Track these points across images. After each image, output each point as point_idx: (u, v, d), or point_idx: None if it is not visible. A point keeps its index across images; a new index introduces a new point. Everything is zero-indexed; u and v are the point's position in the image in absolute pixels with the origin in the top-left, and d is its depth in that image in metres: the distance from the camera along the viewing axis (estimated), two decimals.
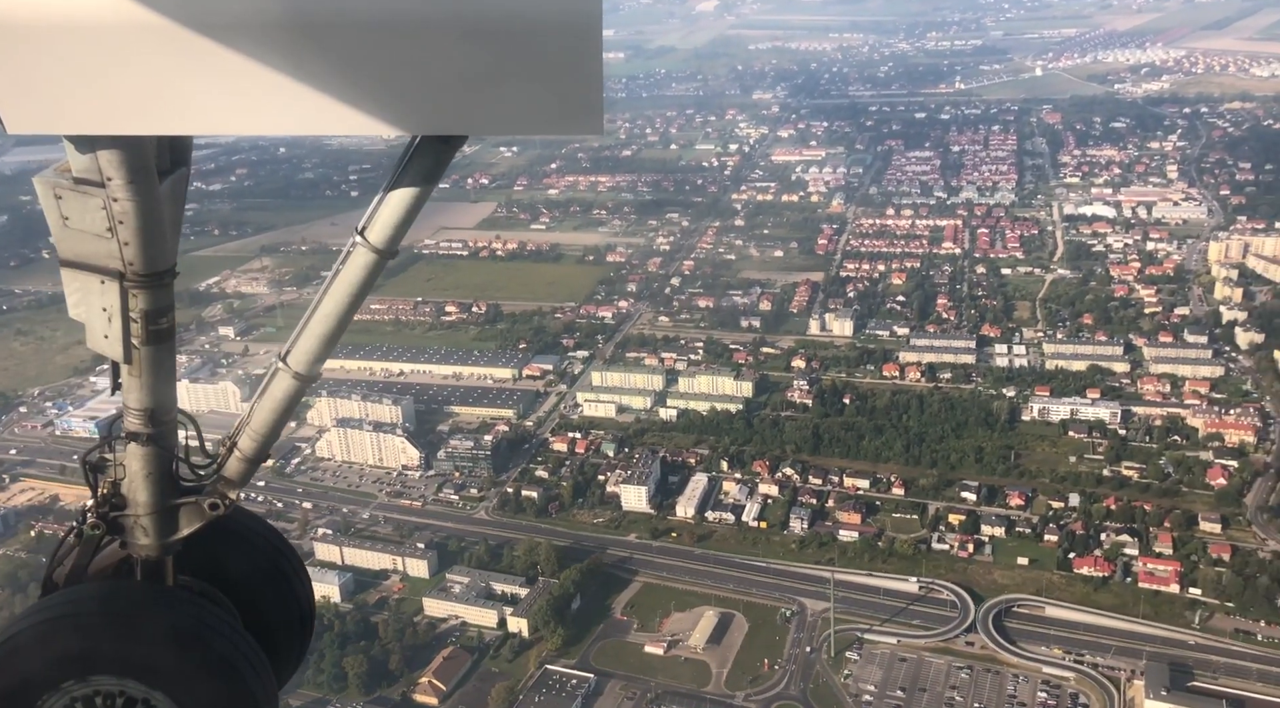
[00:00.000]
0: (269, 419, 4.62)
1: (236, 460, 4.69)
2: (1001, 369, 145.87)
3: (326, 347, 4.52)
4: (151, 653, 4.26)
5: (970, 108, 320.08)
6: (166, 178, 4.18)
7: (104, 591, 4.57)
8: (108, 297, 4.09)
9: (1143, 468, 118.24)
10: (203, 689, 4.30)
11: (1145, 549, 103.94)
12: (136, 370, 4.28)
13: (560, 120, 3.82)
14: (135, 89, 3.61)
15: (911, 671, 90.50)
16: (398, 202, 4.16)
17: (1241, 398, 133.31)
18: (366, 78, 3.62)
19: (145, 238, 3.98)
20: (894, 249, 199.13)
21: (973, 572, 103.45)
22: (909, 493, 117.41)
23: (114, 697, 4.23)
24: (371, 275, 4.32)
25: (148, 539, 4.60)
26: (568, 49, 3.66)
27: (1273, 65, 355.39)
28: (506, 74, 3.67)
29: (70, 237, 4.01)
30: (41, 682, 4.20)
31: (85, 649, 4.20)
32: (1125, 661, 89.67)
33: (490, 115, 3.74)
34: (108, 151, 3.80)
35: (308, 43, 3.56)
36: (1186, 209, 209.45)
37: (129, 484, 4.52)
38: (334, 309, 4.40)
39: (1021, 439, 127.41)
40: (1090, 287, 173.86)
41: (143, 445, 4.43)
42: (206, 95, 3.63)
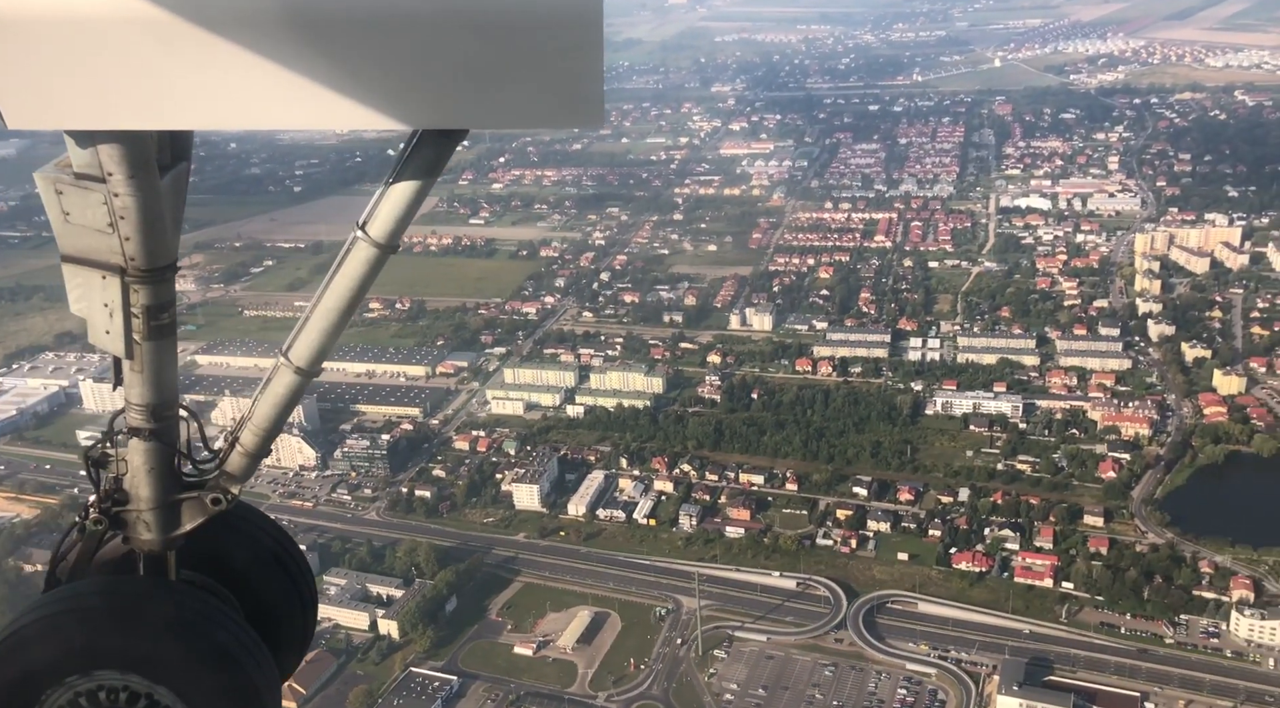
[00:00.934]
0: (271, 414, 4.59)
1: (239, 455, 4.66)
2: (913, 363, 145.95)
3: (328, 342, 4.47)
4: (155, 647, 4.26)
5: (924, 100, 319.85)
6: (168, 173, 4.15)
7: (107, 585, 4.55)
8: (109, 292, 4.06)
9: (1037, 462, 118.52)
10: (206, 683, 4.28)
11: (1026, 544, 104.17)
12: (138, 366, 4.24)
13: (561, 114, 3.79)
14: (136, 84, 3.58)
15: (777, 668, 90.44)
16: (398, 196, 4.10)
17: (1145, 391, 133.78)
18: (367, 71, 3.60)
19: (146, 233, 3.94)
20: (826, 243, 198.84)
21: (853, 568, 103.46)
22: (802, 489, 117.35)
23: (117, 691, 4.20)
24: (373, 270, 4.24)
25: (150, 534, 4.60)
26: (568, 42, 3.64)
27: (1228, 55, 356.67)
28: (507, 67, 3.66)
29: (71, 232, 3.98)
30: (45, 676, 4.18)
31: (88, 644, 4.19)
32: (989, 656, 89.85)
33: (491, 109, 3.71)
34: (108, 146, 3.75)
35: (309, 36, 3.55)
36: (1121, 201, 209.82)
37: (131, 479, 4.52)
38: (335, 304, 4.34)
39: (922, 434, 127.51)
40: (1014, 280, 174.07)
41: (145, 441, 4.41)
42: (207, 90, 3.60)
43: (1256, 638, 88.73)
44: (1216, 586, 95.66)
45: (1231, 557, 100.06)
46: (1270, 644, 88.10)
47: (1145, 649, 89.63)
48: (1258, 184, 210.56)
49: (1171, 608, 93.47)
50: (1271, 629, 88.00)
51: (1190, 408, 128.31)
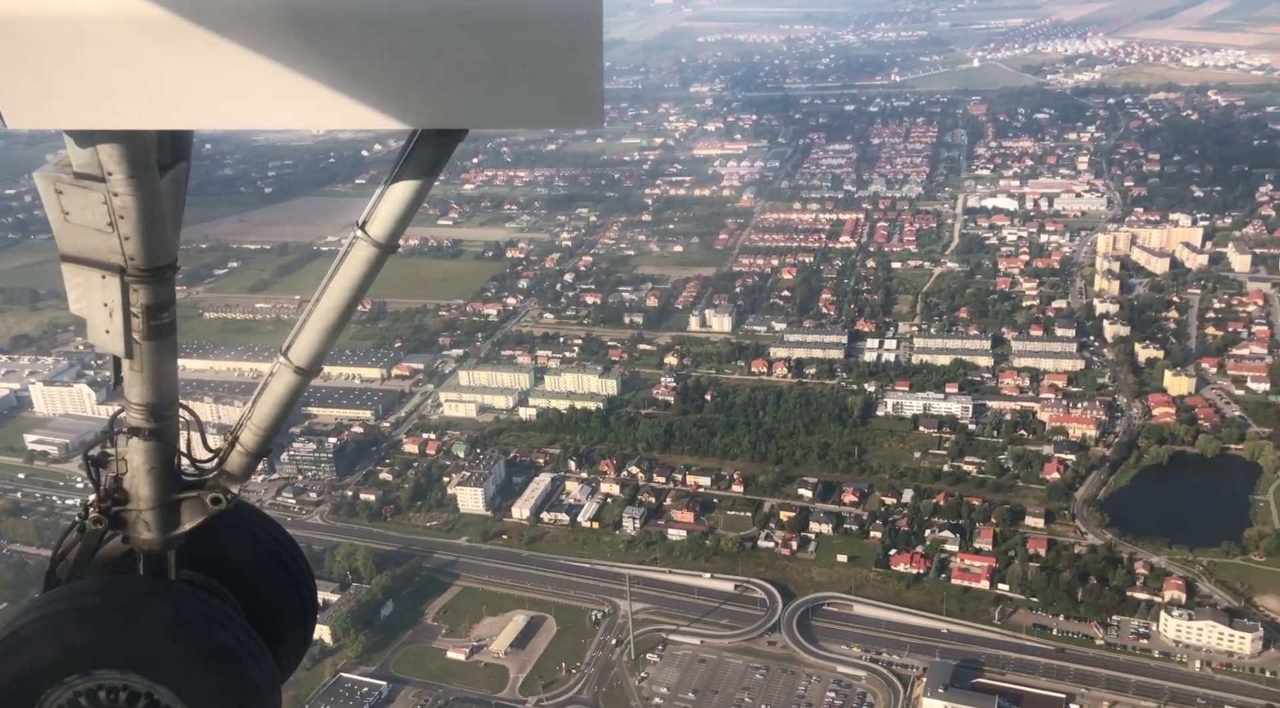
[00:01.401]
0: (271, 414, 4.61)
1: (238, 455, 4.67)
2: (868, 364, 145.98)
3: (327, 341, 4.48)
4: (154, 647, 4.25)
5: (900, 100, 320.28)
6: (167, 172, 4.16)
7: (107, 585, 4.54)
8: (109, 292, 4.06)
9: (982, 463, 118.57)
10: (206, 682, 4.27)
11: (966, 545, 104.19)
12: (138, 365, 4.23)
13: (560, 113, 3.80)
14: (136, 83, 3.59)
15: (709, 672, 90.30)
16: (398, 195, 4.13)
17: (1096, 392, 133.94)
18: (367, 71, 3.62)
19: (146, 232, 3.93)
20: (792, 244, 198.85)
21: (792, 570, 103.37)
22: (748, 490, 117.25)
23: (117, 691, 4.19)
24: (372, 270, 4.26)
25: (150, 533, 4.59)
26: (568, 42, 3.66)
27: (1204, 55, 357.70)
28: (507, 67, 3.68)
29: (71, 231, 3.98)
30: (45, 676, 4.17)
31: (88, 644, 4.18)
32: (921, 658, 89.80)
33: (491, 109, 3.73)
34: (108, 146, 3.76)
35: (309, 36, 3.56)
36: (1088, 201, 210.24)
37: (131, 479, 4.51)
38: (335, 304, 4.35)
39: (871, 435, 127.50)
40: (975, 280, 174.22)
41: (145, 440, 4.40)
42: (207, 89, 3.61)
43: (1184, 639, 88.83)
44: (1150, 587, 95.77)
45: (1167, 558, 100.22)
46: (1197, 645, 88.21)
47: (1064, 649, 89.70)
48: (1223, 184, 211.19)
49: (1103, 609, 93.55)
50: (1198, 630, 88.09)
51: (1140, 409, 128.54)
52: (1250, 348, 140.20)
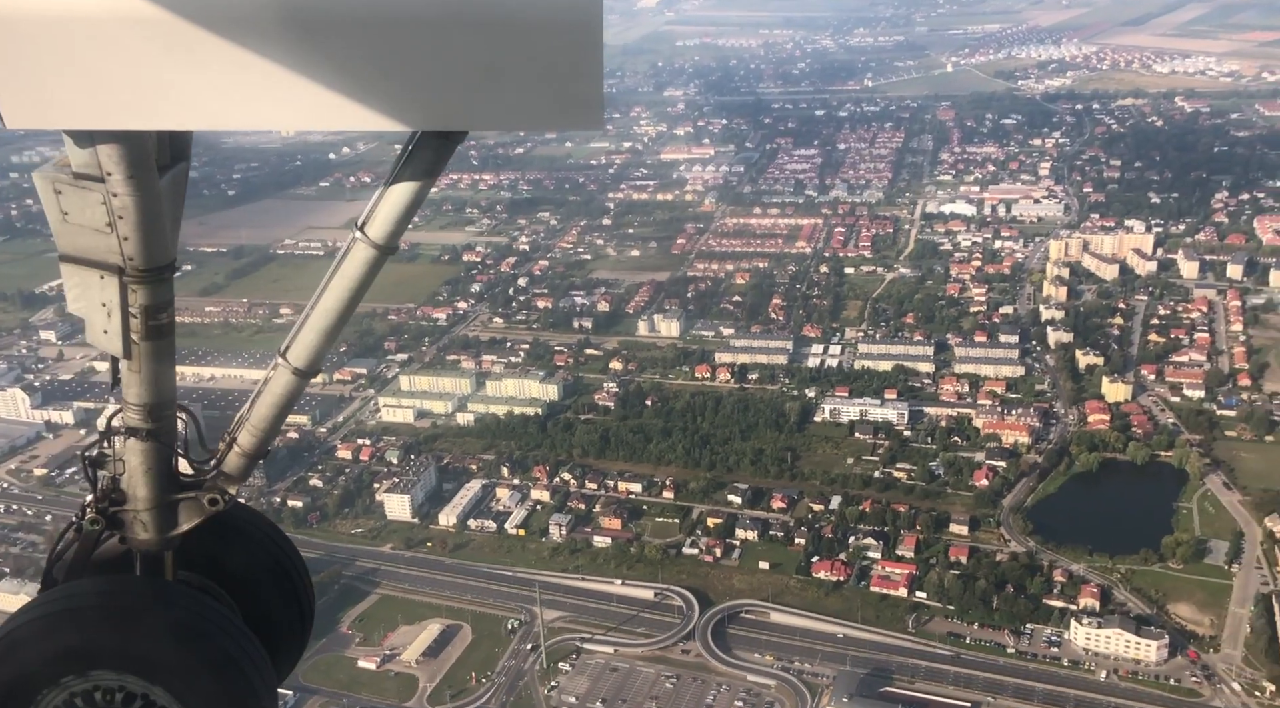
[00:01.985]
0: (269, 415, 4.61)
1: (236, 456, 4.66)
2: (811, 370, 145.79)
3: (326, 342, 4.48)
4: (151, 648, 4.22)
5: (871, 105, 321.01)
6: (166, 173, 4.16)
7: (103, 586, 4.49)
8: (107, 292, 4.05)
9: (913, 470, 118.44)
10: (202, 684, 4.24)
11: (889, 553, 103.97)
12: (136, 366, 4.23)
13: (560, 116, 3.80)
14: (135, 83, 3.59)
15: (620, 681, 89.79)
16: (397, 197, 4.12)
17: (1034, 398, 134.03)
18: (367, 72, 3.62)
19: (145, 233, 3.94)
20: (749, 249, 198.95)
21: (714, 577, 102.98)
22: (679, 497, 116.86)
23: (114, 692, 4.19)
24: (371, 271, 4.27)
25: (147, 534, 4.59)
26: (568, 45, 3.66)
27: (1175, 62, 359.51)
28: (507, 69, 3.67)
29: (70, 232, 3.98)
30: (41, 678, 4.15)
31: (84, 645, 4.17)
32: (832, 667, 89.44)
33: (490, 111, 3.73)
34: (107, 146, 3.76)
35: (308, 37, 3.56)
36: (1045, 207, 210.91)
37: (128, 479, 4.50)
38: (333, 305, 4.36)
39: (807, 441, 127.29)
40: (926, 286, 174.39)
41: (142, 441, 4.39)
42: (207, 90, 3.62)
43: (1092, 647, 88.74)
44: (1066, 595, 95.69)
45: (1087, 565, 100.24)
46: (1105, 653, 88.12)
47: (958, 654, 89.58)
48: (1180, 190, 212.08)
49: (1017, 618, 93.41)
50: (1106, 638, 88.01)
51: (1076, 415, 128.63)
52: (1190, 355, 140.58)
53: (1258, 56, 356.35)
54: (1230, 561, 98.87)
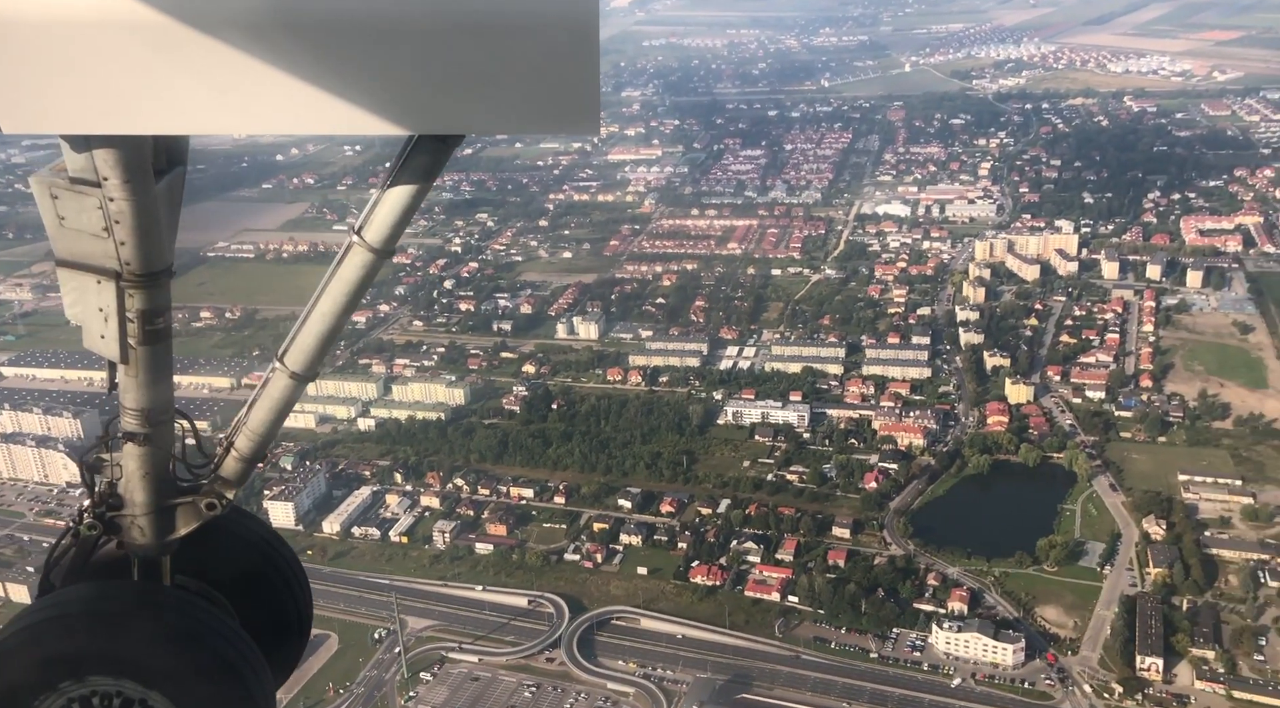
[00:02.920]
0: (266, 419, 4.62)
1: (233, 460, 4.67)
2: (722, 372, 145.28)
3: (324, 346, 4.47)
4: (147, 653, 4.22)
5: (824, 105, 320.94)
6: (163, 177, 4.15)
7: (100, 591, 4.49)
8: (104, 296, 4.06)
9: (805, 473, 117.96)
10: (200, 689, 4.25)
11: (768, 556, 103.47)
12: (133, 370, 4.23)
13: (556, 120, 3.81)
14: (131, 88, 3.60)
15: (479, 690, 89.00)
16: (394, 201, 4.14)
17: (937, 400, 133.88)
18: (364, 77, 3.64)
19: (142, 237, 3.94)
20: (681, 250, 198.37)
21: (592, 583, 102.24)
22: (570, 501, 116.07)
23: (111, 697, 4.19)
24: (368, 275, 4.31)
25: (145, 539, 4.58)
26: (564, 49, 3.68)
27: (1130, 61, 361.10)
28: (504, 74, 3.69)
29: (66, 236, 3.99)
30: (38, 683, 4.17)
31: (81, 650, 4.17)
32: (695, 673, 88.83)
33: (487, 114, 3.76)
34: (104, 151, 3.77)
35: (305, 42, 3.57)
36: (979, 207, 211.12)
37: (126, 484, 4.50)
38: (331, 309, 4.37)
39: (707, 444, 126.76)
40: (849, 287, 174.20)
41: (140, 445, 4.39)
42: (203, 94, 3.63)
43: (953, 651, 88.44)
44: (938, 598, 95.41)
45: (963, 568, 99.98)
46: (965, 657, 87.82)
47: (798, 655, 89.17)
48: (1114, 191, 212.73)
49: (884, 621, 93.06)
50: (965, 642, 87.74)
51: (975, 417, 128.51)
52: (1097, 356, 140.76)
53: (1212, 56, 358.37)
54: (1103, 563, 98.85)
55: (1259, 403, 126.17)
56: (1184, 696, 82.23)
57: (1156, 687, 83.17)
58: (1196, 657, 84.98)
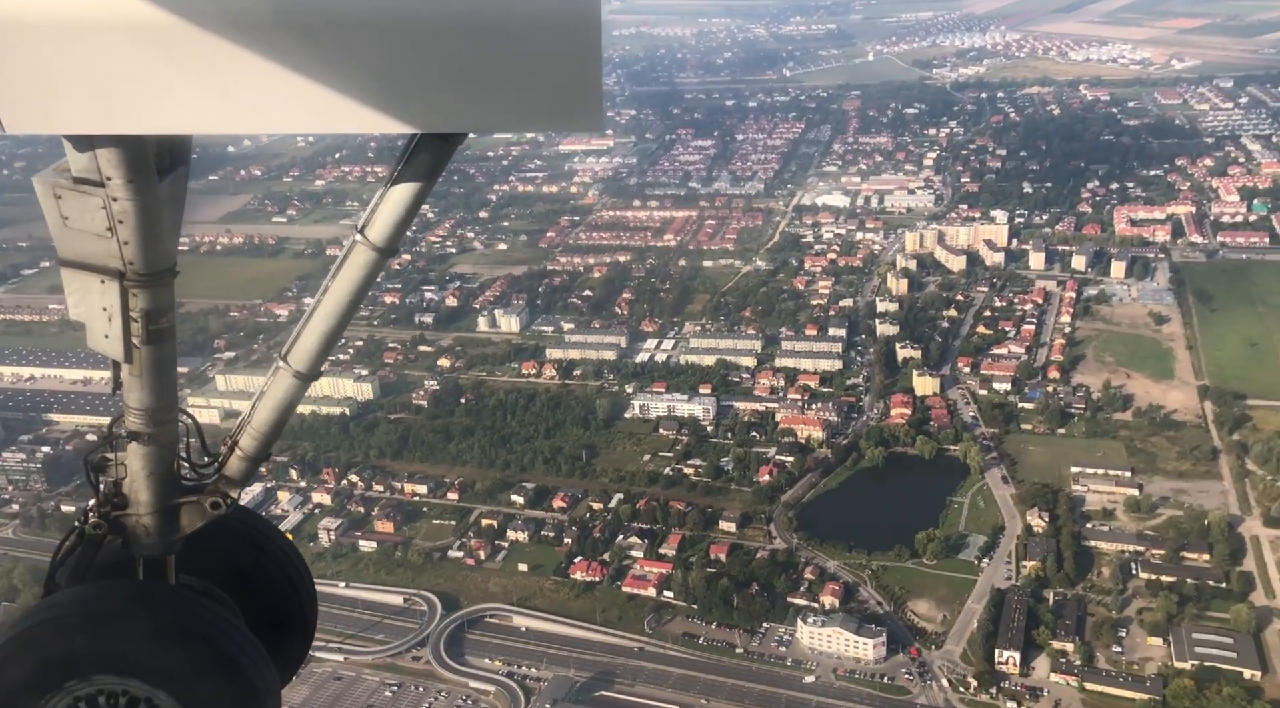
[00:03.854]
0: (270, 418, 4.65)
1: (238, 459, 4.69)
2: (637, 365, 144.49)
3: (327, 345, 4.49)
4: (153, 652, 4.25)
5: (782, 95, 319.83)
6: (166, 177, 4.13)
7: (106, 590, 4.53)
8: (108, 296, 4.08)
9: (702, 466, 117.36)
10: (205, 688, 4.28)
11: (651, 552, 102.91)
12: (137, 370, 4.26)
13: (559, 118, 3.85)
14: (134, 88, 3.61)
15: (340, 690, 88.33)
16: (397, 199, 4.17)
17: (845, 392, 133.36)
18: (367, 76, 3.66)
19: (145, 237, 3.96)
20: (617, 242, 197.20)
21: (471, 580, 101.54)
22: (464, 497, 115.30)
23: (117, 696, 4.22)
24: (372, 274, 4.33)
25: (150, 538, 4.60)
26: (567, 47, 3.70)
27: (1091, 49, 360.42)
28: (506, 72, 3.68)
29: (70, 236, 4.01)
30: (45, 682, 4.19)
31: (87, 649, 4.20)
32: (559, 671, 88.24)
33: (490, 113, 3.77)
34: (107, 151, 3.79)
35: (308, 41, 3.59)
36: (918, 198, 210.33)
37: (130, 484, 4.53)
38: (334, 308, 4.39)
39: (611, 438, 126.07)
40: (777, 279, 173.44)
41: (144, 445, 4.42)
42: (206, 94, 3.65)
43: (817, 645, 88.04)
44: (813, 592, 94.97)
45: (842, 562, 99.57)
46: (829, 652, 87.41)
47: (641, 648, 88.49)
48: (1055, 180, 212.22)
49: (755, 616, 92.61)
50: (828, 637, 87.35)
51: (880, 409, 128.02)
52: (1009, 347, 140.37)
53: (1173, 44, 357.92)
54: (982, 556, 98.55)
55: (1162, 394, 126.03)
56: (1038, 688, 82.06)
57: (1013, 680, 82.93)
58: (1056, 649, 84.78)
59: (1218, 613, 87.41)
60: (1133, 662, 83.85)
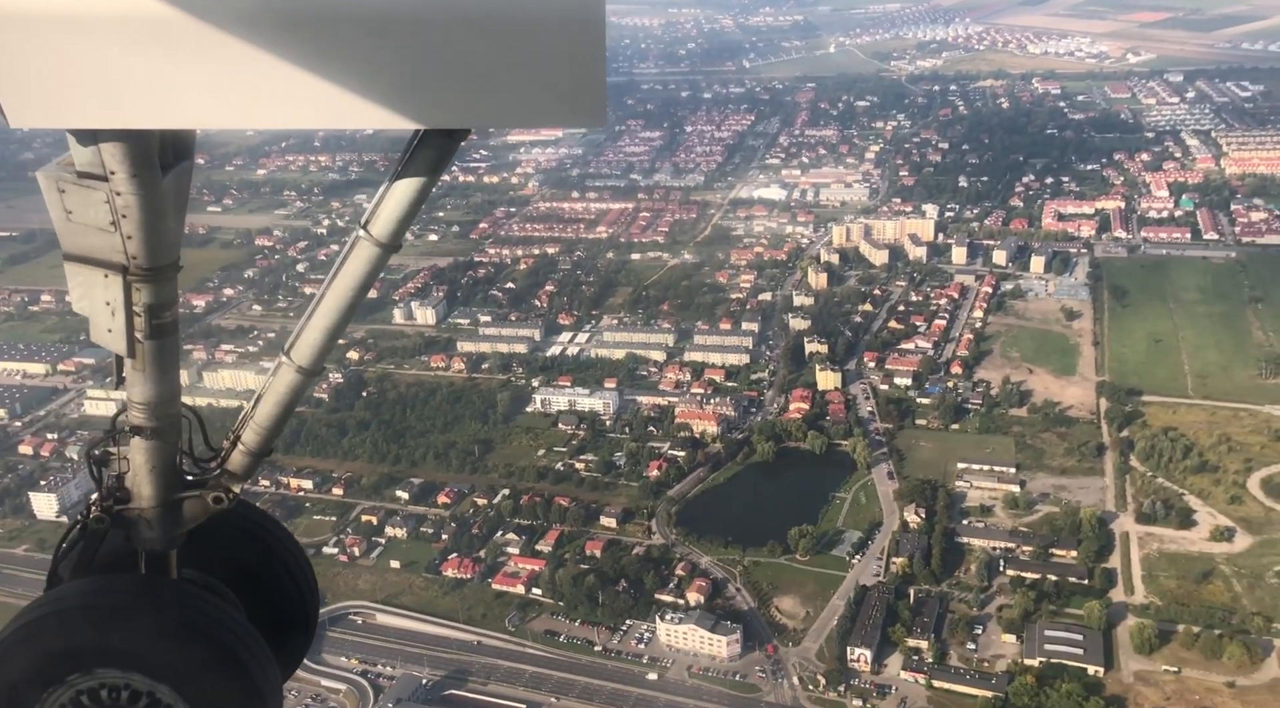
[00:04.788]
0: (272, 413, 4.66)
1: (240, 454, 4.71)
2: (547, 359, 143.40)
3: (330, 340, 4.51)
4: (155, 646, 4.28)
5: (738, 87, 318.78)
6: (170, 171, 4.15)
7: (108, 584, 4.56)
8: (111, 291, 4.09)
9: (593, 461, 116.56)
10: (206, 682, 4.30)
11: (527, 548, 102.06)
12: (140, 364, 4.27)
13: (562, 113, 3.87)
14: (139, 82, 3.61)
15: None
16: (400, 195, 4.17)
17: (748, 386, 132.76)
18: (370, 71, 3.66)
19: (148, 232, 3.97)
20: (549, 234, 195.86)
21: (342, 578, 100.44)
22: (349, 493, 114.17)
23: (119, 689, 4.24)
24: (375, 269, 4.33)
25: (152, 532, 4.63)
26: (570, 42, 3.71)
27: (1051, 42, 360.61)
28: (510, 67, 3.67)
29: (74, 230, 4.02)
30: (47, 675, 4.22)
31: (89, 643, 4.23)
32: (415, 669, 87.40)
33: (493, 108, 3.79)
34: (111, 145, 3.79)
35: (311, 36, 3.59)
36: (854, 191, 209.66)
37: (133, 478, 4.55)
38: (337, 303, 4.41)
39: (508, 433, 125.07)
40: (702, 272, 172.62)
41: (146, 439, 4.44)
42: (209, 89, 3.64)
43: (674, 643, 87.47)
44: (682, 589, 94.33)
45: (717, 558, 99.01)
46: (686, 649, 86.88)
47: (479, 642, 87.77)
48: (991, 174, 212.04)
49: (619, 613, 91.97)
50: (683, 635, 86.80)
51: (779, 404, 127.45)
52: (917, 342, 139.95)
53: (1134, 38, 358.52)
54: (855, 552, 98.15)
55: (1061, 390, 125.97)
56: (887, 686, 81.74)
57: (864, 678, 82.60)
58: (911, 647, 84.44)
59: (1076, 610, 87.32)
60: (984, 659, 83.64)
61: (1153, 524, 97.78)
